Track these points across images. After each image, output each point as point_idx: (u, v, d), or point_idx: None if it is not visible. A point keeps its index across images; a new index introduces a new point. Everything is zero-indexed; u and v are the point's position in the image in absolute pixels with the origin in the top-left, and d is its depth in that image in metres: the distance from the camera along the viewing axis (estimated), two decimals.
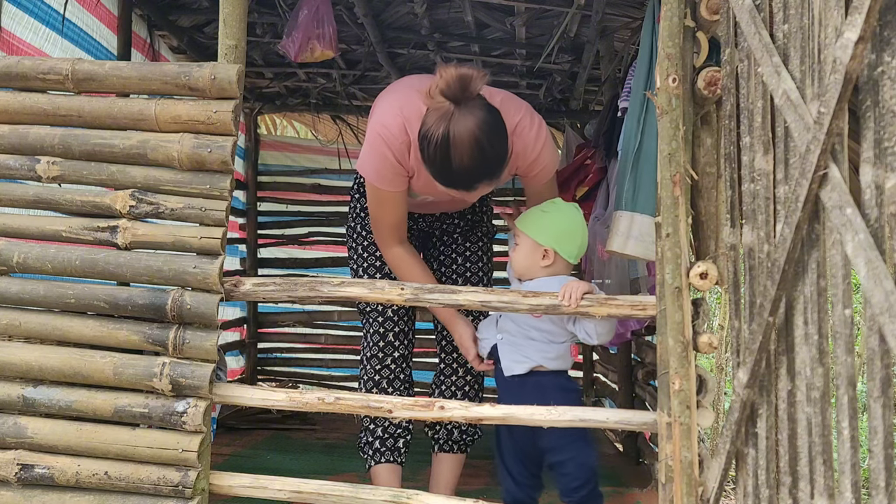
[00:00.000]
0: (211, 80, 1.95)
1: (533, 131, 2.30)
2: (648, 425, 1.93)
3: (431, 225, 2.66)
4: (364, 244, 2.55)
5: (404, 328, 2.53)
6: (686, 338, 1.80)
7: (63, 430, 1.96)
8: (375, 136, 2.22)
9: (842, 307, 1.23)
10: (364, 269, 2.54)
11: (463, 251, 2.63)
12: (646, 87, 2.14)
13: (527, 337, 2.21)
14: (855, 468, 1.21)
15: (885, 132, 1.14)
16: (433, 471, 2.62)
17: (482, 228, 2.68)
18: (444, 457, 2.60)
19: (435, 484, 2.58)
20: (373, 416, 2.40)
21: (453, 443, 2.59)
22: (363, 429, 2.52)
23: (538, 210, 2.26)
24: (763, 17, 1.54)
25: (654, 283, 2.04)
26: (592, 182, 3.43)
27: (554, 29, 3.44)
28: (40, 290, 2.00)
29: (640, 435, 3.44)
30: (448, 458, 2.60)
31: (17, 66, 2.03)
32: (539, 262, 2.20)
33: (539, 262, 2.20)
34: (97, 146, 2.00)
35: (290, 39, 3.22)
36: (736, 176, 1.67)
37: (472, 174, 2.06)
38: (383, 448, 2.47)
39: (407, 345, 2.55)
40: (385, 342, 2.49)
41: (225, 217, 1.97)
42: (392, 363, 2.49)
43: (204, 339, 1.96)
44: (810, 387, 1.37)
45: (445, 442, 2.59)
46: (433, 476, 2.61)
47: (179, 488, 1.92)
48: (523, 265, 2.23)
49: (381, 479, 2.42)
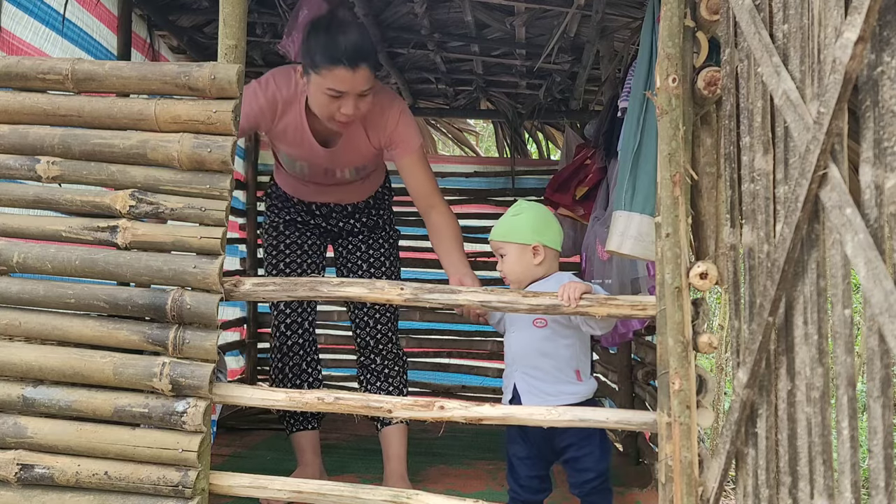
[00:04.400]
0: (211, 80, 1.95)
1: (396, 105, 2.61)
2: (648, 425, 1.93)
3: (329, 221, 2.91)
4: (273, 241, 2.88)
5: (297, 319, 2.82)
6: (686, 338, 1.80)
7: (63, 430, 1.96)
8: (254, 88, 2.56)
9: (841, 307, 1.23)
10: (273, 265, 2.86)
11: (366, 239, 2.92)
12: (646, 87, 2.14)
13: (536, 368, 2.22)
14: (855, 468, 1.21)
15: (885, 132, 1.14)
16: (383, 447, 2.78)
17: (385, 230, 2.95)
18: (388, 430, 2.78)
19: (387, 458, 2.76)
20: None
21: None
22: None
23: (508, 217, 2.30)
24: (763, 17, 1.54)
25: (654, 283, 2.04)
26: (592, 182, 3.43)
27: (554, 29, 3.44)
28: (40, 290, 2.00)
29: (640, 435, 3.44)
30: (392, 430, 2.77)
31: (17, 66, 2.03)
32: (532, 261, 2.23)
33: (532, 262, 2.23)
34: (97, 146, 2.00)
35: (290, 39, 3.21)
36: (736, 176, 1.67)
37: (356, 46, 2.35)
38: (301, 417, 2.84)
39: (301, 333, 2.83)
40: (278, 332, 2.82)
41: (225, 217, 1.97)
42: (288, 350, 2.81)
43: (204, 339, 1.96)
44: (810, 387, 1.37)
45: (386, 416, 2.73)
46: (384, 453, 2.77)
47: (179, 488, 1.92)
48: (517, 272, 2.25)
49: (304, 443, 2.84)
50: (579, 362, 2.26)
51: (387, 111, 2.59)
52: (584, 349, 2.28)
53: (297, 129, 2.58)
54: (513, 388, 2.25)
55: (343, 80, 2.35)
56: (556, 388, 2.20)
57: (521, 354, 2.25)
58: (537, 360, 2.22)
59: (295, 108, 2.57)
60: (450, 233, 2.58)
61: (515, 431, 2.28)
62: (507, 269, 2.26)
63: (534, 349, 2.23)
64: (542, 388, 2.21)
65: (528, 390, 2.22)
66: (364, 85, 2.40)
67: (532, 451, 2.26)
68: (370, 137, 2.62)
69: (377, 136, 2.62)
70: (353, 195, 2.89)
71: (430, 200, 2.61)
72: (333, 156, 2.66)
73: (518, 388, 2.24)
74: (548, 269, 2.26)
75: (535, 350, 2.23)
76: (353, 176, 2.78)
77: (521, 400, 2.22)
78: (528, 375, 2.23)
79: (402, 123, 2.60)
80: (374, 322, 2.84)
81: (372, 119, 2.57)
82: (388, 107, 2.60)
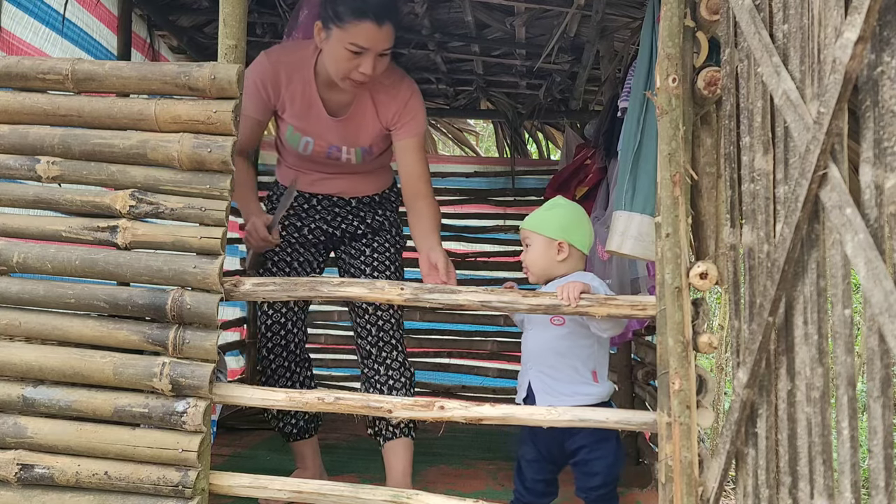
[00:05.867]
0: (211, 80, 1.95)
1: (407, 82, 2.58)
2: (648, 425, 1.93)
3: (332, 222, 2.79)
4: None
5: (280, 319, 2.73)
6: (686, 338, 1.80)
7: (63, 430, 1.96)
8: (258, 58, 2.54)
9: (841, 307, 1.23)
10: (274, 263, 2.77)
11: (370, 243, 2.78)
12: (646, 87, 2.14)
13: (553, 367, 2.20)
14: (855, 468, 1.21)
15: (885, 132, 1.14)
16: (386, 464, 2.62)
17: (390, 232, 2.82)
18: (391, 445, 2.62)
19: (390, 475, 2.60)
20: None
21: (394, 428, 2.61)
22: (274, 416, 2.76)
23: (542, 210, 2.29)
24: (763, 17, 1.54)
25: (654, 283, 2.04)
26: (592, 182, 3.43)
27: (554, 29, 3.44)
28: (40, 290, 2.00)
29: (640, 435, 3.44)
30: (395, 444, 2.61)
31: (17, 66, 2.03)
32: (555, 257, 2.22)
33: (555, 258, 2.22)
34: (97, 146, 2.00)
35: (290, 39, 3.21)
36: (736, 176, 1.67)
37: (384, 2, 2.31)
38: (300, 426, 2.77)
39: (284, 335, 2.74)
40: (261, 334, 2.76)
41: (225, 217, 1.97)
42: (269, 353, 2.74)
43: (204, 339, 1.96)
44: (810, 387, 1.37)
45: (387, 430, 2.62)
46: (387, 469, 2.61)
47: (179, 488, 1.92)
48: (540, 264, 2.23)
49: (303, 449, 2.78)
50: (597, 363, 2.22)
51: (399, 86, 2.54)
52: (602, 351, 2.25)
53: (304, 96, 2.52)
54: (527, 387, 2.23)
55: (368, 36, 2.30)
56: (571, 389, 2.17)
57: (537, 353, 2.22)
58: (553, 359, 2.19)
59: (302, 73, 2.51)
60: (430, 216, 2.51)
61: (526, 433, 2.25)
62: (529, 259, 2.25)
63: (550, 348, 2.20)
64: (557, 388, 2.18)
65: (544, 389, 2.19)
66: (387, 43, 2.34)
67: (540, 454, 2.24)
68: (379, 113, 2.56)
69: (386, 112, 2.55)
70: (358, 186, 2.78)
71: (418, 187, 2.55)
72: (341, 128, 2.58)
73: (533, 387, 2.21)
74: (570, 269, 2.22)
75: (551, 349, 2.20)
76: (359, 160, 2.67)
77: (535, 399, 2.19)
78: (543, 374, 2.20)
79: (412, 102, 2.55)
80: (377, 330, 2.70)
81: (383, 92, 2.52)
82: (400, 83, 2.55)
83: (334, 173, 2.73)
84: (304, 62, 2.50)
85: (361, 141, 2.62)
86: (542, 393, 2.19)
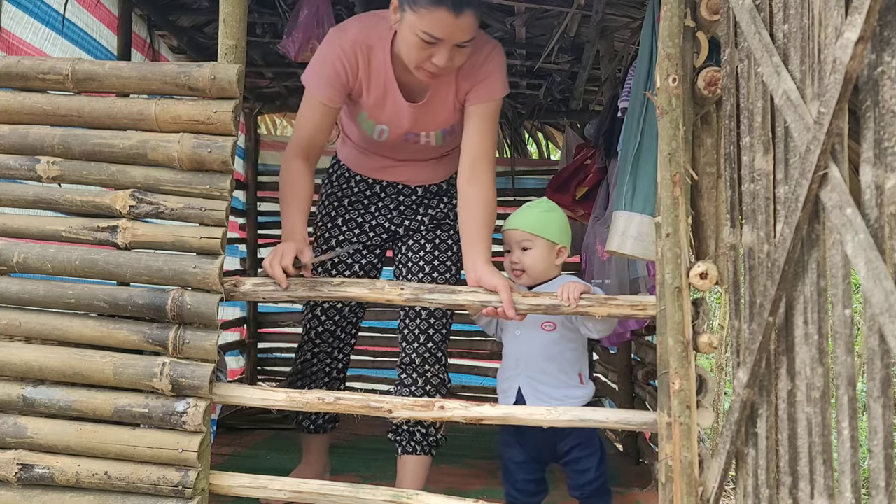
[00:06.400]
0: (211, 80, 1.95)
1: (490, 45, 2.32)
2: (648, 425, 1.93)
3: (394, 219, 2.60)
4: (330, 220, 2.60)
5: (330, 327, 2.59)
6: (686, 338, 1.80)
7: (63, 430, 1.96)
8: (329, 36, 2.29)
9: (842, 307, 1.23)
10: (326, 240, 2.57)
11: (432, 238, 2.56)
12: (646, 87, 2.14)
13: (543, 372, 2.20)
14: (855, 468, 1.21)
15: (885, 132, 1.14)
16: (398, 475, 2.48)
17: (454, 227, 2.57)
18: (407, 459, 2.47)
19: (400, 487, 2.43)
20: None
21: (416, 444, 2.47)
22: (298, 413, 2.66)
23: (538, 212, 2.25)
24: (763, 17, 1.54)
25: (654, 283, 2.04)
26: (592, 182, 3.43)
27: (554, 29, 3.44)
28: (40, 290, 2.00)
29: (640, 435, 3.44)
30: (411, 460, 2.46)
31: (17, 66, 2.03)
32: (554, 261, 2.22)
33: (554, 262, 2.23)
34: (97, 146, 2.00)
35: (290, 39, 3.22)
36: (736, 176, 1.67)
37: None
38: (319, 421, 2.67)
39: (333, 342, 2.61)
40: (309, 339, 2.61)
41: (225, 217, 1.97)
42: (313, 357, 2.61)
43: (204, 339, 1.96)
44: (810, 387, 1.37)
45: (408, 443, 2.48)
46: (398, 481, 2.45)
47: (179, 488, 1.92)
48: (539, 269, 2.21)
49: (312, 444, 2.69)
50: (581, 365, 2.24)
51: (479, 52, 2.25)
52: (584, 352, 2.27)
53: (381, 79, 2.28)
54: (517, 393, 2.21)
55: (442, 25, 2.05)
56: (561, 392, 2.18)
57: (527, 358, 2.21)
58: (544, 364, 2.19)
59: (378, 54, 2.27)
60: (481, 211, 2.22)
61: (511, 436, 2.24)
62: (529, 262, 2.19)
63: (541, 354, 2.20)
64: (548, 393, 2.18)
65: (534, 395, 2.19)
66: (465, 35, 2.09)
67: (529, 455, 2.24)
68: (458, 87, 2.29)
69: (464, 84, 2.28)
70: (428, 173, 2.54)
71: (474, 168, 2.24)
72: (419, 113, 2.33)
73: (523, 392, 2.21)
74: (557, 273, 2.25)
75: (541, 355, 2.20)
76: (440, 142, 2.42)
77: (525, 404, 2.18)
78: (533, 380, 2.20)
79: (490, 63, 2.27)
80: (426, 338, 2.47)
81: (466, 63, 2.23)
82: (482, 48, 2.26)
83: (404, 160, 2.51)
84: (382, 42, 2.26)
85: (442, 123, 2.38)
86: (533, 398, 2.19)
